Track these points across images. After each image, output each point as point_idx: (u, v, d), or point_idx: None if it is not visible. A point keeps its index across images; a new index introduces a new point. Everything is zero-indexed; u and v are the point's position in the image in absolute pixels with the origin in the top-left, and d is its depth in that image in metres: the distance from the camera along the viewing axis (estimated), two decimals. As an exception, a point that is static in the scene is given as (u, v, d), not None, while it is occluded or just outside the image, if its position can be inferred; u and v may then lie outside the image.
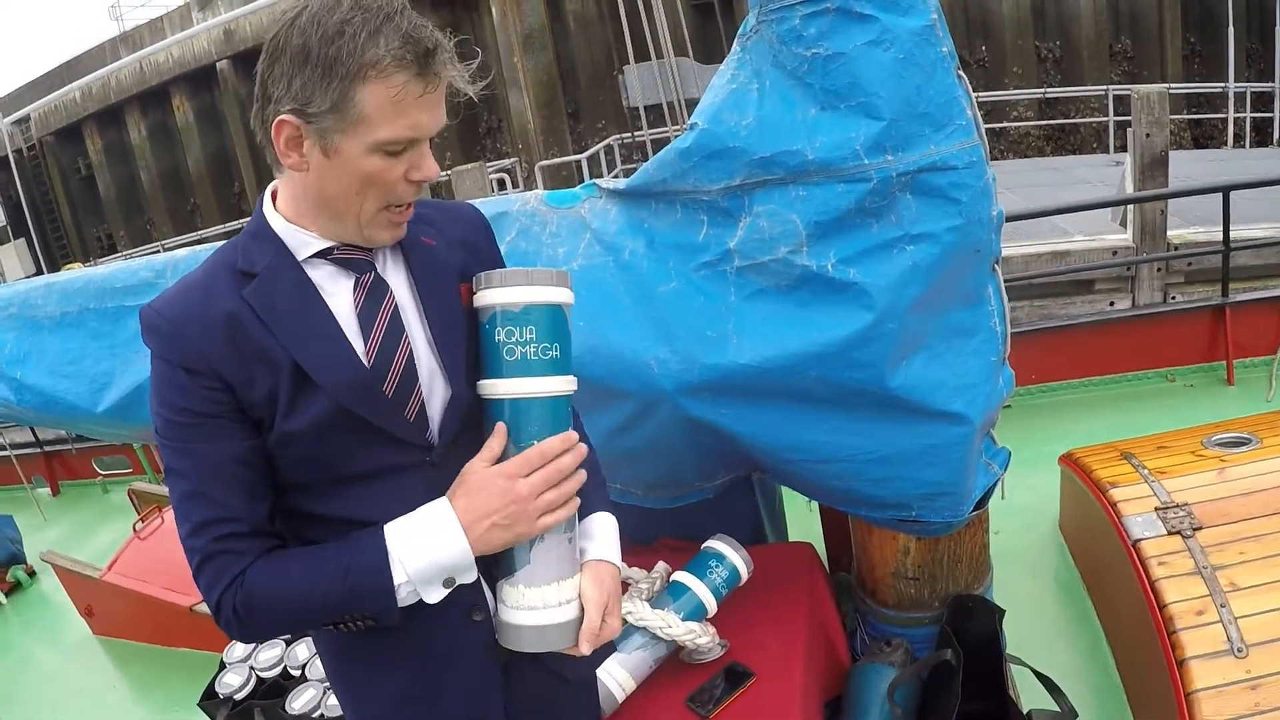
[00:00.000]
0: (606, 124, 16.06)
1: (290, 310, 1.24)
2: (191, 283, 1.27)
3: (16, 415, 2.77)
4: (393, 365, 1.27)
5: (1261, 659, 1.97)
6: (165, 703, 3.55)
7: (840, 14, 1.69)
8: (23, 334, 2.64)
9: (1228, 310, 4.49)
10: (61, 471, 6.62)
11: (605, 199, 2.08)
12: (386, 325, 1.29)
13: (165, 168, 20.66)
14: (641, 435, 2.05)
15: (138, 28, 20.61)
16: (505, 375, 1.29)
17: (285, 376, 1.22)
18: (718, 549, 2.15)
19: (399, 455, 1.30)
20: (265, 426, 1.24)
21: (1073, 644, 2.77)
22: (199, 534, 1.21)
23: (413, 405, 1.30)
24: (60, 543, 5.34)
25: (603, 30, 16.33)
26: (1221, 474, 2.50)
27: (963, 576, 2.27)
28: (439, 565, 1.24)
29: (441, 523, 1.25)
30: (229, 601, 1.20)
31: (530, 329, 1.29)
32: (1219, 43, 15.25)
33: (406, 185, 1.22)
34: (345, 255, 1.29)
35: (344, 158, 1.19)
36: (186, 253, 2.47)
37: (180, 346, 1.21)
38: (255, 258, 1.26)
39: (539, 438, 1.29)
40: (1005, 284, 1.97)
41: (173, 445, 1.23)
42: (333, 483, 1.28)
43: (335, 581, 1.21)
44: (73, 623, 4.24)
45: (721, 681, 2.00)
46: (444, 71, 1.19)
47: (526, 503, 1.25)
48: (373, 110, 1.15)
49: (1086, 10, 15.86)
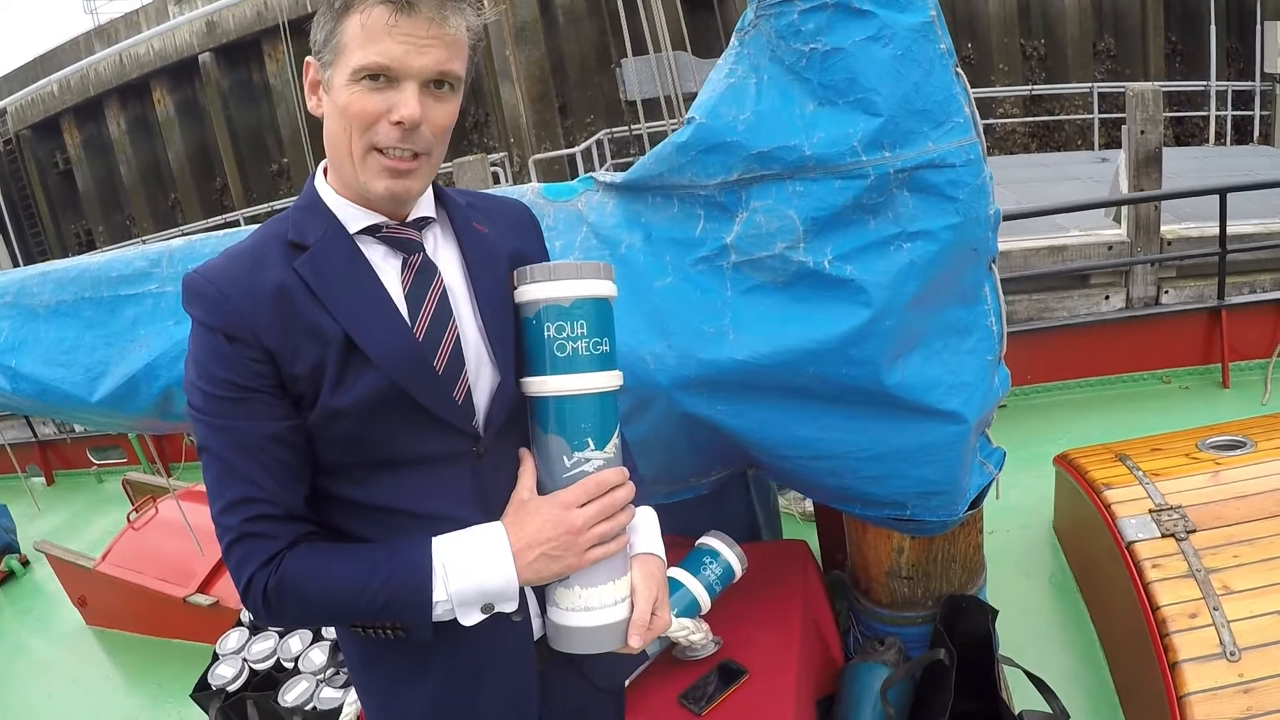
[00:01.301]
0: (596, 118, 16.05)
1: (343, 283, 1.22)
2: (239, 252, 1.25)
3: (11, 404, 2.76)
4: (440, 347, 1.25)
5: (1254, 663, 1.97)
6: (158, 694, 3.55)
7: (839, 9, 1.69)
8: (18, 322, 2.63)
9: (1224, 313, 4.50)
10: (56, 461, 6.61)
11: (602, 193, 2.08)
12: (435, 308, 1.26)
13: (145, 162, 20.28)
14: (637, 430, 2.05)
15: (113, 21, 20.27)
16: (556, 371, 1.26)
17: (335, 349, 1.19)
18: (712, 545, 2.14)
19: (444, 442, 1.26)
20: (307, 403, 1.20)
21: (1066, 645, 2.77)
22: (231, 512, 1.18)
23: (460, 389, 1.26)
24: (54, 532, 5.33)
25: (591, 25, 16.33)
26: (1216, 477, 2.50)
27: (956, 576, 2.27)
28: (482, 590, 1.20)
29: (492, 546, 1.21)
30: (260, 582, 1.17)
31: (581, 323, 1.26)
32: (1200, 42, 15.59)
33: (389, 127, 1.18)
34: (394, 234, 1.27)
35: (334, 92, 1.20)
36: (183, 242, 2.46)
37: (225, 312, 1.17)
38: (307, 230, 1.24)
39: (593, 435, 1.26)
40: (1004, 278, 1.97)
41: (209, 420, 1.19)
42: (374, 467, 1.25)
43: (373, 586, 1.17)
44: (66, 613, 4.24)
45: (714, 679, 2.00)
46: (420, 4, 1.15)
47: (579, 534, 1.22)
48: (350, 38, 1.16)
49: (1071, 9, 16.04)
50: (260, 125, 18.85)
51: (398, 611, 1.19)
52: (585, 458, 1.27)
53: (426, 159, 1.23)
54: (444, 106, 1.22)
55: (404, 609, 1.19)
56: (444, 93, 1.21)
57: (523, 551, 1.22)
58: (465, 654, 1.29)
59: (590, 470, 1.26)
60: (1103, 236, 6.32)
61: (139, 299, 2.42)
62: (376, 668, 1.34)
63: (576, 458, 1.26)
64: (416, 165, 1.22)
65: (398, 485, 1.25)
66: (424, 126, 1.19)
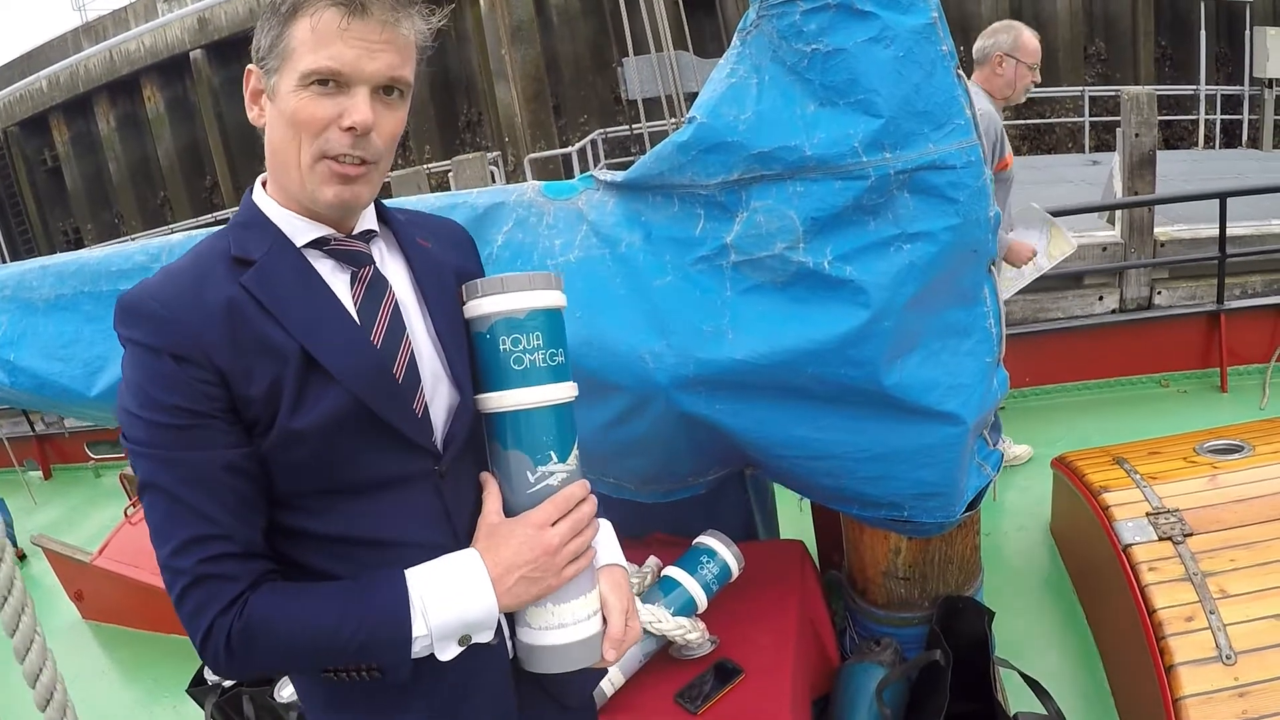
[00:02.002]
0: (590, 118, 16.06)
1: (295, 297, 1.15)
2: (179, 270, 1.17)
3: (9, 398, 2.76)
4: (395, 362, 1.20)
5: (1250, 666, 1.97)
6: (154, 688, 3.55)
7: (841, 10, 1.69)
8: (16, 316, 2.62)
9: (1222, 317, 4.50)
10: (53, 455, 6.60)
11: (602, 191, 2.08)
12: (388, 321, 1.21)
13: (134, 159, 20.10)
14: (635, 429, 2.05)
15: (101, 18, 20.14)
16: (514, 386, 1.23)
17: (292, 367, 1.12)
18: (709, 545, 2.15)
19: (406, 462, 1.21)
20: (261, 428, 1.12)
21: (1062, 648, 2.77)
22: (185, 553, 1.07)
23: (418, 403, 1.21)
24: (51, 526, 5.33)
25: (586, 24, 16.37)
26: (1213, 480, 2.50)
27: (953, 577, 2.28)
28: (463, 620, 1.14)
29: (469, 574, 1.16)
30: (222, 630, 1.07)
31: (536, 335, 1.23)
32: (1190, 46, 15.81)
33: (339, 134, 1.13)
34: (342, 246, 1.22)
35: (280, 99, 1.15)
36: (182, 236, 2.46)
37: (171, 331, 1.09)
38: (250, 245, 1.18)
39: (555, 448, 1.24)
40: (1001, 281, 1.97)
41: (152, 453, 1.09)
42: (332, 494, 1.18)
43: (349, 625, 1.09)
44: (62, 607, 4.23)
45: (711, 677, 2.00)
46: (372, 6, 1.11)
47: (555, 554, 1.19)
48: (298, 43, 1.12)
49: (1062, 13, 16.15)
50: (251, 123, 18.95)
51: (375, 651, 1.12)
52: (549, 471, 1.24)
53: (374, 167, 1.19)
54: (394, 114, 1.18)
55: (382, 647, 1.12)
56: (394, 99, 1.18)
57: (502, 577, 1.17)
58: (443, 688, 1.24)
59: (555, 484, 1.24)
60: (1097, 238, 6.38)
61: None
62: (344, 713, 1.25)
63: (540, 472, 1.23)
64: (365, 171, 1.17)
65: (358, 512, 1.19)
66: (374, 134, 1.15)
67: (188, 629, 1.09)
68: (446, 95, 17.11)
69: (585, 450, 1.52)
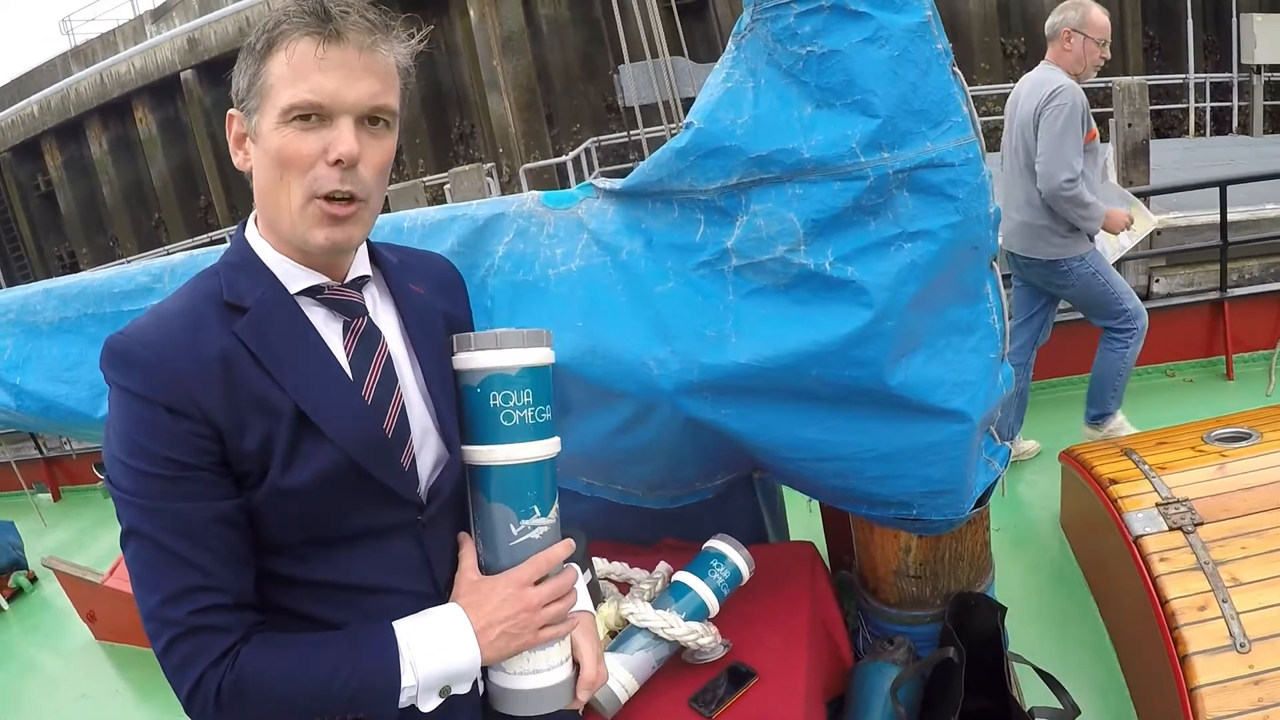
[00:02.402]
0: (582, 127, 16.11)
1: (289, 351, 1.14)
2: (170, 312, 1.15)
3: (16, 421, 2.76)
4: (386, 417, 1.20)
5: (1264, 654, 1.97)
6: (167, 708, 3.53)
7: (835, 11, 1.69)
8: (21, 339, 2.63)
9: (1226, 305, 4.50)
10: (62, 477, 6.62)
11: (602, 199, 2.08)
12: (380, 375, 1.21)
13: (128, 182, 20.13)
14: (641, 436, 2.05)
15: (89, 42, 20.19)
16: (502, 441, 1.25)
17: (285, 424, 1.11)
18: (719, 549, 2.14)
19: (390, 514, 1.22)
20: (251, 481, 1.12)
21: (1075, 641, 2.77)
22: (174, 604, 1.06)
23: (406, 457, 1.22)
24: (61, 548, 5.34)
25: (576, 33, 16.47)
26: (1222, 469, 2.50)
27: (964, 574, 2.27)
28: (447, 671, 1.17)
29: (454, 628, 1.19)
30: (212, 683, 1.07)
31: (527, 392, 1.25)
32: (1178, 36, 15.97)
33: (327, 169, 1.11)
34: (336, 296, 1.21)
35: (263, 139, 1.12)
36: (184, 257, 2.46)
37: (165, 383, 1.07)
38: (243, 290, 1.16)
39: (538, 503, 1.27)
40: (1004, 273, 1.97)
41: (140, 502, 1.07)
42: (316, 543, 1.18)
43: (341, 677, 1.10)
44: (75, 628, 4.24)
45: (724, 681, 2.00)
46: (348, 32, 1.09)
47: (535, 612, 1.22)
48: (275, 79, 1.09)
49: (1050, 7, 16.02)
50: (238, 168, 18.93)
51: (366, 701, 1.12)
52: (531, 525, 1.26)
53: (365, 205, 1.16)
54: (381, 144, 1.16)
55: (372, 699, 1.13)
56: (379, 129, 1.15)
57: (484, 630, 1.20)
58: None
59: (536, 537, 1.26)
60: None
61: (142, 314, 2.42)
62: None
63: (523, 525, 1.26)
64: (355, 210, 1.15)
65: (344, 560, 1.20)
66: (361, 167, 1.12)
67: (172, 680, 1.09)
68: (438, 108, 17.12)
69: (591, 458, 1.53)
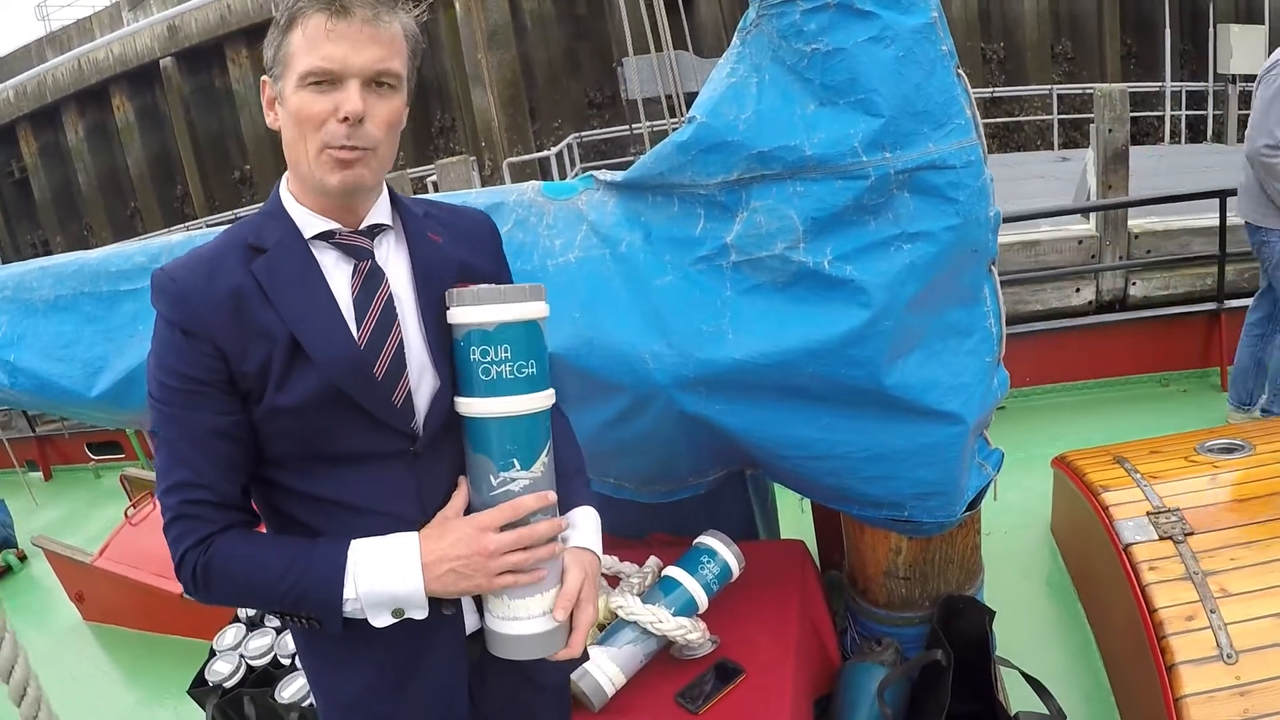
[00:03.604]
0: (564, 122, 16.10)
1: (293, 287, 1.29)
2: (204, 253, 1.32)
3: (10, 399, 2.76)
4: (382, 351, 1.30)
5: (1251, 665, 1.97)
6: (155, 689, 3.55)
7: (841, 10, 1.69)
8: (16, 317, 2.63)
9: (1222, 316, 4.50)
10: (54, 456, 6.61)
11: (602, 191, 2.08)
12: (380, 313, 1.31)
13: (104, 170, 19.73)
14: (636, 429, 2.05)
15: (65, 28, 19.92)
16: (481, 394, 1.30)
17: (280, 350, 1.26)
18: (710, 545, 2.14)
19: (381, 441, 1.32)
20: (254, 399, 1.28)
21: (1062, 647, 2.77)
22: (173, 493, 1.27)
23: (399, 393, 1.31)
24: (51, 527, 5.33)
25: (560, 28, 16.47)
26: (1214, 479, 2.50)
27: (954, 577, 2.27)
28: (390, 595, 1.27)
29: (403, 555, 1.28)
30: (190, 561, 1.26)
31: (505, 348, 1.29)
32: (1155, 44, 16.27)
33: (337, 125, 1.25)
34: (346, 240, 1.33)
35: (286, 101, 1.27)
36: (182, 237, 2.46)
37: (183, 310, 1.26)
38: (266, 234, 1.32)
39: (518, 456, 1.30)
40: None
41: (163, 408, 1.27)
42: (315, 460, 1.32)
43: (290, 578, 1.25)
44: (63, 608, 4.23)
45: (711, 677, 2.00)
46: (354, 7, 1.23)
47: (490, 559, 1.28)
48: (295, 49, 1.25)
49: (1030, 14, 16.62)
50: (223, 131, 18.58)
51: (310, 605, 1.27)
52: (510, 478, 1.31)
53: (372, 153, 1.29)
54: (387, 103, 1.29)
55: (316, 604, 1.27)
56: (385, 90, 1.28)
57: (432, 565, 1.28)
58: (397, 643, 1.35)
59: (516, 490, 1.31)
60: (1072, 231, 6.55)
61: (138, 294, 2.42)
62: (317, 650, 1.43)
63: (502, 477, 1.31)
64: (362, 156, 1.27)
65: (339, 479, 1.32)
66: (368, 123, 1.26)
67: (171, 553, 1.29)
68: (419, 100, 16.95)
69: (585, 450, 1.53)
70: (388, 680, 1.39)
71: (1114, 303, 6.53)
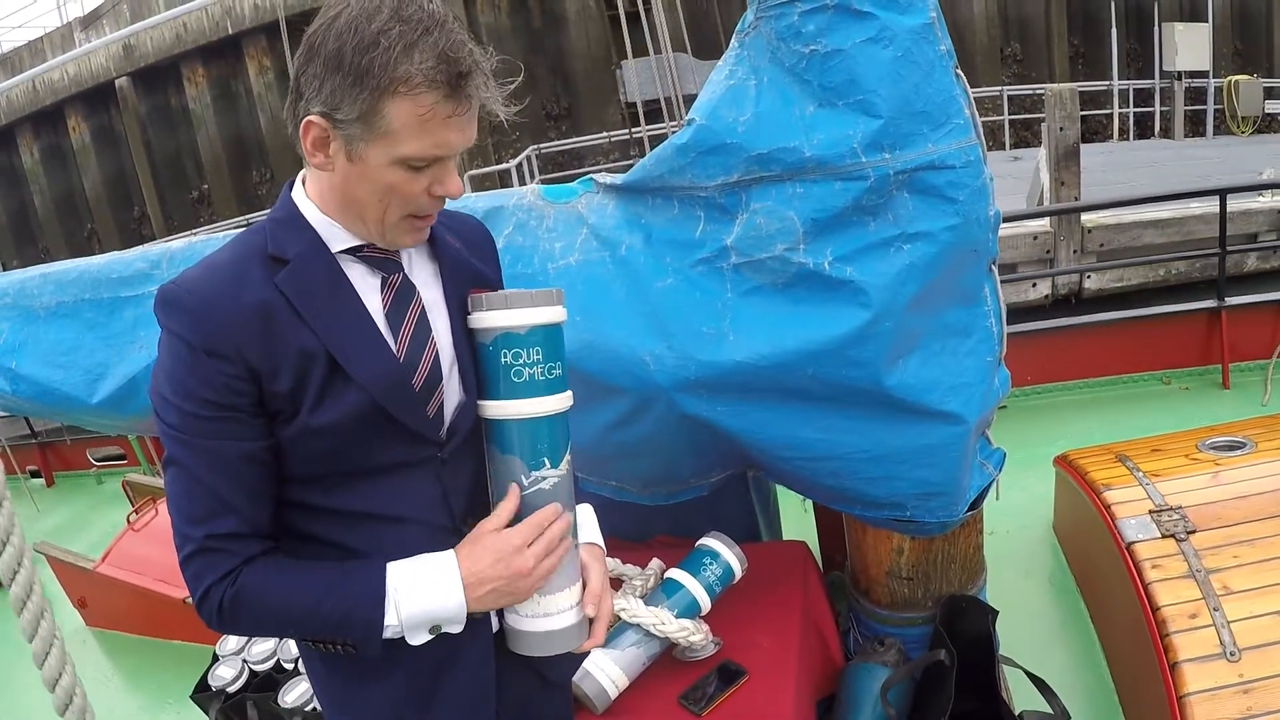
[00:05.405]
0: (521, 135, 16.15)
1: (326, 302, 1.23)
2: (219, 263, 1.24)
3: (11, 405, 2.76)
4: (420, 364, 1.29)
5: (1254, 663, 1.97)
6: (158, 695, 3.54)
7: (839, 11, 1.69)
8: (18, 324, 2.63)
9: (1224, 314, 4.50)
10: (55, 462, 6.60)
11: (602, 194, 2.08)
12: (414, 328, 1.30)
13: (60, 192, 19.40)
14: (637, 431, 2.05)
15: (17, 49, 19.59)
16: (513, 396, 1.31)
17: (318, 369, 1.21)
18: (712, 546, 2.14)
19: (412, 451, 1.31)
20: (283, 419, 1.22)
21: (1066, 646, 2.77)
22: (197, 526, 1.20)
23: (434, 404, 1.31)
24: (54, 534, 5.32)
25: (515, 42, 16.51)
26: (1216, 477, 2.50)
27: (956, 577, 2.27)
28: (431, 616, 1.26)
29: (445, 577, 1.26)
30: (216, 595, 1.20)
31: (536, 350, 1.31)
32: (1102, 44, 16.66)
33: (429, 199, 1.23)
34: (374, 254, 1.29)
35: (368, 166, 1.19)
36: (183, 244, 2.46)
37: (208, 329, 1.17)
38: (286, 244, 1.24)
39: (548, 455, 1.33)
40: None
41: (182, 436, 1.19)
42: (344, 476, 1.28)
43: (326, 607, 1.22)
44: (65, 614, 4.22)
45: (714, 679, 2.00)
46: (477, 94, 1.18)
47: (529, 576, 1.28)
48: (400, 126, 1.15)
49: (979, 18, 16.94)
50: (179, 150, 18.36)
51: (349, 632, 1.24)
52: (542, 476, 1.33)
53: None
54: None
55: (355, 630, 1.24)
56: None
57: (474, 585, 1.27)
58: (426, 661, 1.34)
59: (547, 487, 1.33)
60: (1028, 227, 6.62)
61: (139, 300, 2.42)
62: (339, 672, 1.38)
63: (534, 476, 1.33)
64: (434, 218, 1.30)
65: (366, 491, 1.30)
66: None
67: (189, 588, 1.23)
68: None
69: (587, 453, 1.55)
70: (416, 696, 1.36)
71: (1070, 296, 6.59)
